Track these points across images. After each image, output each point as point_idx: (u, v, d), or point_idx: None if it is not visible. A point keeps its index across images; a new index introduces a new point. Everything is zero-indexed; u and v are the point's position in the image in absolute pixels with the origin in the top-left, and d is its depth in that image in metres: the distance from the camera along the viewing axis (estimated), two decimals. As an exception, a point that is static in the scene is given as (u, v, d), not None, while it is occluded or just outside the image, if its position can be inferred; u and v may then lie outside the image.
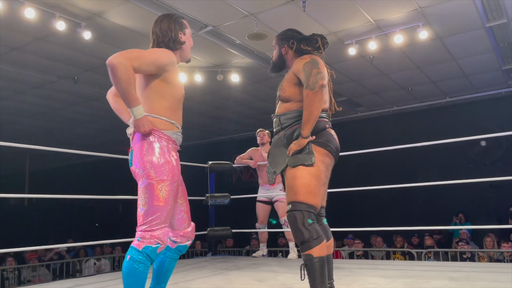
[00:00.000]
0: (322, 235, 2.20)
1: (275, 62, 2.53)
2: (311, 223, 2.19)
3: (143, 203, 1.94)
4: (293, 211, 2.22)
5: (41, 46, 5.52)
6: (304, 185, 2.22)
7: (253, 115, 9.25)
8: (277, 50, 2.51)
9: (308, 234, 2.16)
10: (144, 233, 1.93)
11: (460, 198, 8.13)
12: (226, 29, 5.29)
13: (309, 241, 2.15)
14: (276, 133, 2.44)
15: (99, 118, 8.99)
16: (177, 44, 2.19)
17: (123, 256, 7.85)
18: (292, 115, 2.34)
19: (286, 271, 3.72)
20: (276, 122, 2.42)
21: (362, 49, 5.78)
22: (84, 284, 3.43)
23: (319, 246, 2.15)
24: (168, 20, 2.19)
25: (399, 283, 2.94)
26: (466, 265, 3.80)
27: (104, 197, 5.30)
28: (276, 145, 2.40)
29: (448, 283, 2.87)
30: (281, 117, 2.38)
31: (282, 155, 2.33)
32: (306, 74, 2.22)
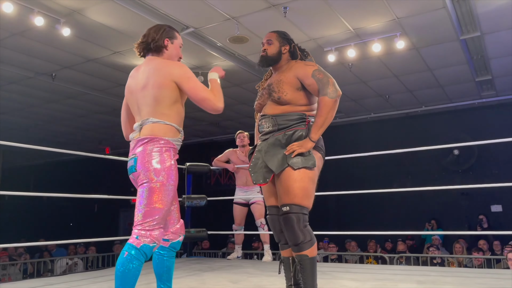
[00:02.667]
0: (314, 238, 2.29)
1: (271, 57, 2.52)
2: (306, 225, 2.28)
3: (144, 204, 2.03)
4: (290, 213, 2.26)
5: (18, 41, 5.44)
6: (302, 188, 2.28)
7: (232, 118, 9.28)
8: (277, 46, 2.52)
9: (303, 236, 2.25)
10: (143, 231, 2.02)
11: (432, 204, 8.32)
12: (207, 31, 5.31)
13: (304, 243, 2.24)
14: (268, 133, 2.42)
15: (76, 116, 8.88)
16: (159, 48, 2.29)
17: (96, 256, 7.78)
18: (292, 117, 2.38)
19: (260, 273, 3.75)
20: (270, 122, 2.41)
21: (341, 56, 5.88)
22: (55, 283, 3.40)
23: (312, 247, 2.26)
24: (159, 27, 2.35)
25: (369, 285, 3.01)
26: (434, 270, 3.91)
27: (78, 196, 4.92)
28: (273, 144, 2.38)
29: (416, 286, 2.95)
30: (278, 118, 2.39)
31: (281, 156, 2.34)
32: (321, 82, 2.31)
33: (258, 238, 6.58)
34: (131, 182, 2.31)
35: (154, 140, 2.09)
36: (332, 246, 7.13)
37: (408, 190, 6.30)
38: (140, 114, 2.20)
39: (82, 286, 3.27)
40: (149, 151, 2.08)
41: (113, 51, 5.80)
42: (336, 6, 4.73)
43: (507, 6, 4.76)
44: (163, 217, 2.08)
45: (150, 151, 2.08)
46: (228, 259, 5.10)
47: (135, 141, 2.14)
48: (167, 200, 2.07)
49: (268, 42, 2.54)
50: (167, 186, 2.07)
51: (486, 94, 7.86)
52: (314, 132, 2.31)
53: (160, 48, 2.29)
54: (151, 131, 2.11)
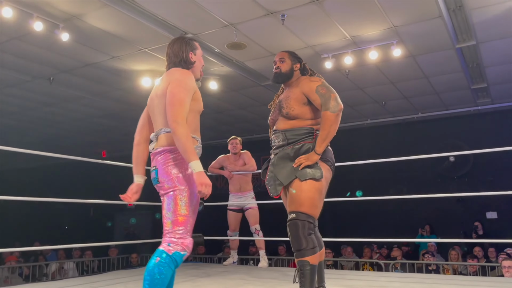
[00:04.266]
0: (317, 246, 2.39)
1: (285, 73, 2.69)
2: (311, 233, 2.39)
3: (171, 212, 2.08)
4: (296, 219, 2.39)
5: (17, 46, 5.44)
6: (309, 198, 2.41)
7: (229, 123, 9.31)
8: (289, 64, 2.69)
9: (305, 243, 2.36)
10: (174, 239, 2.05)
11: (428, 211, 8.36)
12: (205, 38, 5.34)
13: (306, 249, 2.35)
14: (279, 147, 2.59)
15: (72, 120, 8.88)
16: (188, 64, 2.31)
17: (92, 260, 7.76)
18: (300, 131, 2.55)
19: (255, 279, 3.77)
20: (280, 137, 2.59)
21: (338, 63, 5.92)
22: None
23: (313, 255, 2.36)
24: (180, 42, 2.34)
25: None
26: (429, 277, 3.93)
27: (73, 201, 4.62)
28: (282, 158, 2.55)
29: (411, 294, 2.98)
30: (287, 133, 2.56)
31: (290, 168, 2.49)
32: (324, 97, 2.48)
33: (254, 243, 6.59)
34: (127, 186, 2.33)
35: (171, 151, 2.12)
36: (328, 252, 7.14)
37: (403, 197, 6.35)
38: (155, 123, 2.24)
39: (78, 291, 3.27)
40: (169, 161, 2.11)
41: (111, 56, 5.81)
42: (334, 14, 4.77)
43: (502, 15, 4.82)
44: (191, 225, 2.12)
45: (170, 161, 2.11)
46: (224, 264, 5.11)
47: (154, 153, 2.18)
48: (192, 208, 2.12)
49: (281, 60, 2.72)
50: (191, 194, 2.11)
51: (482, 102, 7.93)
52: (318, 145, 2.46)
53: (189, 65, 2.32)
54: (166, 141, 2.14)
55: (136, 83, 6.67)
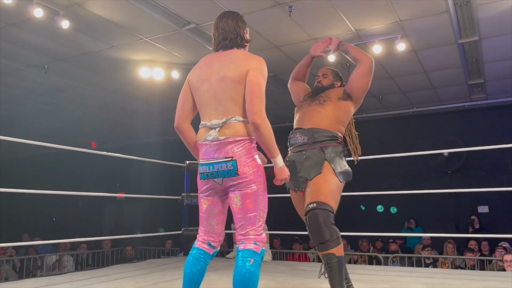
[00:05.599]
0: (341, 237, 2.31)
1: (325, 87, 2.76)
2: (333, 223, 2.30)
3: (254, 207, 1.96)
4: (316, 209, 2.30)
5: (12, 32, 5.27)
6: (331, 190, 2.40)
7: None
8: (330, 80, 2.80)
9: (329, 234, 2.26)
10: (259, 236, 1.97)
11: (420, 205, 8.44)
12: (209, 28, 5.24)
13: (330, 241, 2.25)
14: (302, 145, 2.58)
15: (65, 110, 8.69)
16: (244, 41, 2.16)
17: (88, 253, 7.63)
18: (327, 134, 2.58)
19: (264, 273, 3.72)
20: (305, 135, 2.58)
21: (340, 57, 5.89)
22: (58, 283, 3.31)
23: (339, 246, 2.26)
24: (235, 16, 2.16)
25: (379, 287, 3.03)
26: (438, 272, 3.96)
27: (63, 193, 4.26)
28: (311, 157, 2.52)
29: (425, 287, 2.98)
30: (314, 133, 2.57)
31: (319, 164, 2.49)
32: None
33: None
34: (116, 177, 2.19)
35: (252, 141, 1.99)
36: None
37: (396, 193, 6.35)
38: (217, 108, 2.00)
39: (88, 286, 3.20)
40: (253, 152, 1.98)
41: (111, 45, 5.68)
42: (341, 6, 4.73)
43: (507, 12, 4.84)
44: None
45: (254, 152, 1.99)
46: (227, 257, 5.07)
47: (224, 142, 1.95)
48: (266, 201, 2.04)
49: (324, 75, 2.81)
50: (265, 187, 2.01)
51: (477, 97, 7.99)
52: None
53: (245, 43, 2.17)
54: (245, 130, 1.96)
55: (133, 74, 6.55)
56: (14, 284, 3.38)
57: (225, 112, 1.98)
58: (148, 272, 3.90)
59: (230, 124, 1.96)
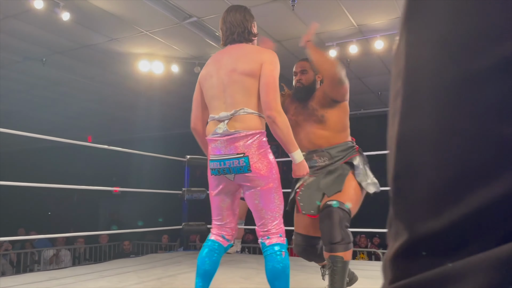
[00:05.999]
0: (352, 242, 2.21)
1: (308, 86, 2.50)
2: (348, 226, 2.20)
3: (272, 204, 1.94)
4: (334, 207, 2.19)
5: (11, 24, 5.19)
6: (352, 195, 2.32)
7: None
8: (311, 76, 2.50)
9: (341, 236, 2.14)
10: (281, 229, 1.97)
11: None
12: (211, 22, 5.20)
13: (341, 244, 2.14)
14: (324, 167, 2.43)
15: (62, 104, 8.61)
16: (251, 35, 2.13)
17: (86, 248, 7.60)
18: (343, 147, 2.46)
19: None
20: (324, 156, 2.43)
21: (342, 52, 5.87)
22: (60, 277, 3.28)
23: (348, 251, 2.16)
24: (242, 10, 2.13)
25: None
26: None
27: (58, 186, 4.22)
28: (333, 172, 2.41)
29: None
30: (331, 151, 2.43)
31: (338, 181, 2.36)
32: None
33: (251, 231, 6.54)
34: (112, 171, 2.17)
35: (263, 135, 1.95)
36: (323, 241, 7.17)
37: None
38: (226, 101, 1.96)
39: (91, 280, 3.17)
40: (265, 147, 1.93)
41: (110, 37, 5.62)
42: (344, 0, 4.70)
43: None
44: None
45: (266, 146, 1.94)
46: (228, 253, 5.05)
47: (235, 137, 1.90)
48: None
49: (303, 72, 2.49)
50: (279, 182, 1.99)
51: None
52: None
53: (252, 37, 2.14)
54: (256, 123, 1.92)
55: (131, 68, 6.49)
56: (16, 278, 3.35)
57: (234, 104, 1.94)
58: (150, 267, 3.87)
59: (240, 116, 1.92)
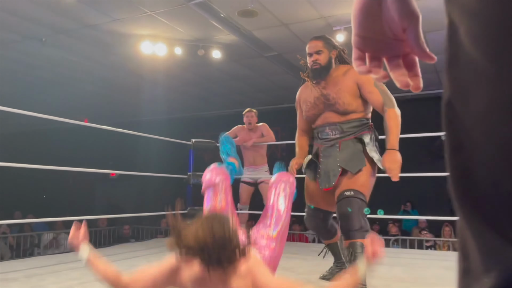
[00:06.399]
0: (370, 229, 2.32)
1: (324, 67, 2.50)
2: (365, 214, 2.31)
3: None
4: (353, 197, 2.30)
5: (9, 2, 5.03)
6: (367, 181, 2.40)
7: (222, 94, 9.09)
8: (326, 54, 2.51)
9: (360, 223, 2.26)
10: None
11: (416, 188, 8.49)
12: (217, 3, 5.07)
13: (360, 231, 2.25)
14: (334, 139, 2.51)
15: (62, 86, 8.45)
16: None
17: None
18: (357, 123, 2.50)
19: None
20: (335, 130, 2.50)
21: (349, 37, 5.78)
22: (69, 261, 3.23)
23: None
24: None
25: (398, 270, 3.01)
26: (450, 254, 3.97)
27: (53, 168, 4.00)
28: (346, 149, 2.46)
29: (444, 271, 2.97)
30: (344, 126, 2.49)
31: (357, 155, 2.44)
32: (387, 95, 2.43)
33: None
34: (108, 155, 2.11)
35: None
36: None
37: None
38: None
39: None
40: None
41: (113, 18, 5.48)
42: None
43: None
44: None
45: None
46: None
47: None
48: None
49: (318, 52, 2.50)
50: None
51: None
52: (395, 142, 2.37)
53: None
54: None
55: (134, 49, 6.35)
56: (23, 262, 3.29)
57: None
58: (158, 251, 3.83)
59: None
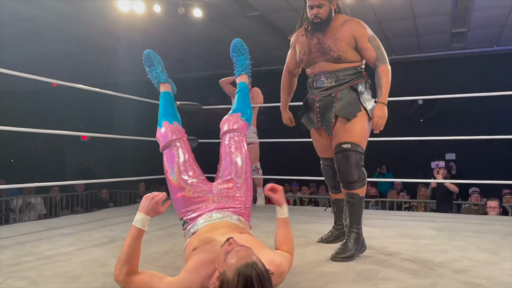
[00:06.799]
0: (366, 179, 2.43)
1: (326, 20, 2.48)
2: (362, 165, 2.41)
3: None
4: (349, 150, 2.38)
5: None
6: (364, 130, 2.45)
7: (200, 55, 8.84)
8: (327, 7, 2.47)
9: (357, 175, 2.38)
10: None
11: (391, 152, 8.67)
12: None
13: (358, 182, 2.38)
14: (330, 88, 2.53)
15: (29, 44, 7.96)
16: None
17: (62, 196, 7.34)
18: (351, 72, 2.50)
19: (267, 218, 3.67)
20: (330, 78, 2.52)
21: None
22: (58, 227, 3.13)
23: (363, 187, 2.41)
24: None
25: (391, 232, 3.07)
26: (441, 216, 4.05)
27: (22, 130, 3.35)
28: (343, 98, 2.49)
29: (436, 233, 3.05)
30: (339, 74, 2.50)
31: (353, 103, 2.46)
32: (380, 50, 2.48)
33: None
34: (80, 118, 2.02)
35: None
36: (305, 189, 7.26)
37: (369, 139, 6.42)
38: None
39: (92, 230, 3.04)
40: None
41: (88, -29, 5.14)
42: None
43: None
44: None
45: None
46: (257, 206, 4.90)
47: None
48: None
49: (320, 5, 2.47)
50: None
51: (455, 46, 8.05)
52: (385, 97, 2.43)
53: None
54: None
55: (109, 6, 6.01)
56: (10, 228, 3.16)
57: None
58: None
59: None
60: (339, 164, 2.41)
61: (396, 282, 1.86)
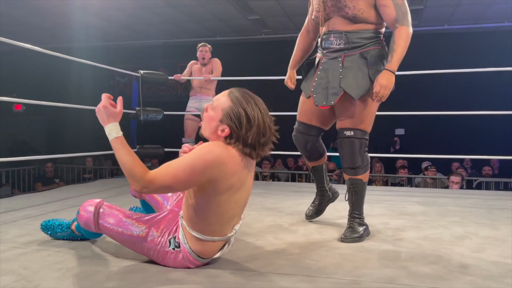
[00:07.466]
0: (369, 164, 2.34)
1: None
2: (366, 150, 2.31)
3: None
4: (354, 138, 2.25)
5: None
6: (371, 114, 2.27)
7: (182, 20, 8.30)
8: None
9: (361, 161, 2.28)
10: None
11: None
12: None
13: (361, 167, 2.28)
14: (338, 51, 2.25)
15: None
16: None
17: (1, 172, 6.63)
18: (367, 35, 2.22)
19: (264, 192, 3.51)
20: (341, 39, 2.23)
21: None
22: (19, 209, 2.75)
23: (366, 173, 2.32)
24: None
25: (380, 208, 3.03)
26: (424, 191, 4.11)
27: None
28: (350, 68, 2.21)
29: (423, 208, 3.06)
30: (351, 35, 2.21)
31: (362, 78, 2.18)
32: (401, 10, 2.15)
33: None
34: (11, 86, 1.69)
35: None
36: (266, 163, 7.14)
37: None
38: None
39: (61, 211, 2.70)
40: None
41: None
42: None
43: None
44: None
45: None
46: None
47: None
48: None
49: None
50: None
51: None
52: (396, 64, 2.15)
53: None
54: None
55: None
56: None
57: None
58: (117, 193, 3.45)
59: None
60: (341, 151, 2.28)
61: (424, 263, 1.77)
